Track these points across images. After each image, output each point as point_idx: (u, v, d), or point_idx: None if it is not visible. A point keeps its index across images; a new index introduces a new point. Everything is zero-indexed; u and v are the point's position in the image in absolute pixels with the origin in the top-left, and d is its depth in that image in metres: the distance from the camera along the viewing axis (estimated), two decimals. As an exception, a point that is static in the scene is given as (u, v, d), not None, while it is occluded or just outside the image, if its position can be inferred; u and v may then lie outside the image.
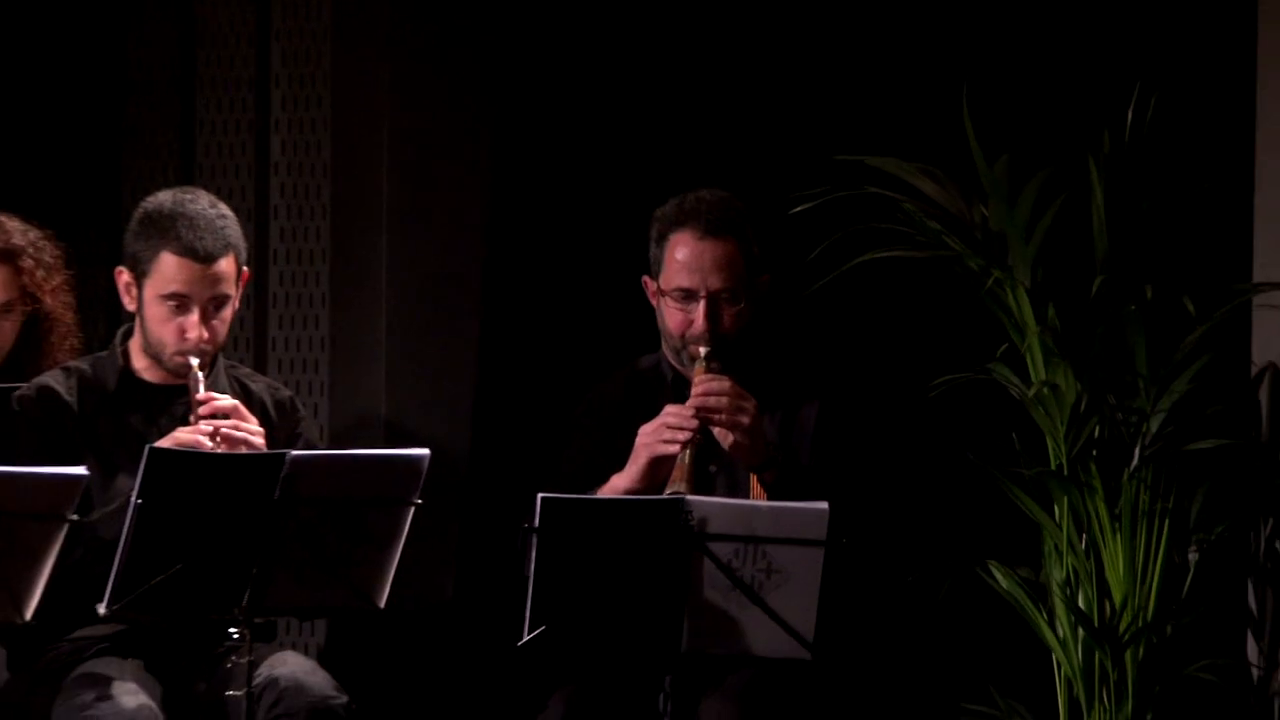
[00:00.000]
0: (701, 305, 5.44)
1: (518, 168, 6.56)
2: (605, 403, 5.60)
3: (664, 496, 5.34)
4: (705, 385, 5.41)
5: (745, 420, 5.43)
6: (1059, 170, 5.32)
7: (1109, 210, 5.29)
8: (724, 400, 5.42)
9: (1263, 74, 5.57)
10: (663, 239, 5.52)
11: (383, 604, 5.06)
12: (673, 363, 5.49)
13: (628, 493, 5.49)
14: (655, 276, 5.52)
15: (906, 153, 5.42)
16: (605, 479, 5.48)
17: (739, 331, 5.48)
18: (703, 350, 5.43)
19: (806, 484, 5.35)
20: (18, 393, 5.45)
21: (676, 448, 5.35)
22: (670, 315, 5.47)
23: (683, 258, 5.47)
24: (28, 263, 5.79)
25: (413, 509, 5.00)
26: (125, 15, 7.09)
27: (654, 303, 5.53)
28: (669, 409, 5.42)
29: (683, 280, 5.46)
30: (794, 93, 6.42)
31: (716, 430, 5.41)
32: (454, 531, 6.30)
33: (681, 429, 5.40)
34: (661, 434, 5.41)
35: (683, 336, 5.44)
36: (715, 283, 5.45)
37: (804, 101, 6.39)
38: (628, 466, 5.45)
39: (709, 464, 5.53)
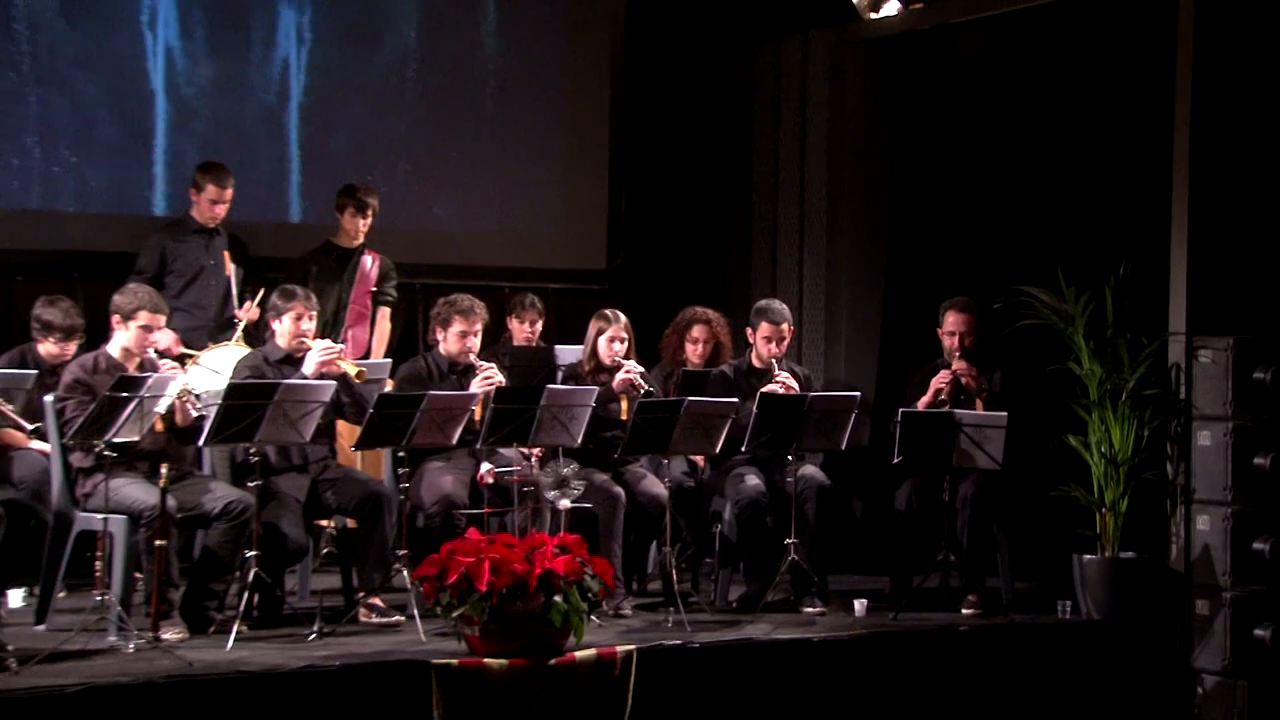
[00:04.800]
0: (956, 338, 9.37)
1: (898, 264, 10.18)
2: (922, 372, 9.43)
3: (943, 411, 9.00)
4: (957, 365, 9.31)
5: (973, 375, 9.22)
6: (1094, 291, 8.85)
7: (1113, 305, 8.89)
8: (964, 369, 9.21)
9: (1174, 253, 8.85)
10: (941, 314, 9.46)
11: (843, 446, 8.97)
12: (947, 359, 9.38)
13: (926, 407, 9.14)
14: (940, 326, 9.46)
15: (1038, 281, 8.95)
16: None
17: (973, 347, 9.33)
18: (957, 354, 9.32)
19: (999, 405, 9.13)
20: (713, 371, 9.57)
21: (946, 387, 9.25)
22: (944, 341, 9.43)
23: (949, 321, 9.43)
24: (716, 325, 9.97)
25: (854, 413, 8.98)
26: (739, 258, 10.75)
27: (940, 336, 9.47)
28: (942, 373, 9.30)
29: (948, 328, 9.42)
30: (995, 259, 10.14)
31: (963, 380, 9.26)
32: (865, 419, 9.89)
33: (945, 381, 9.25)
34: (939, 381, 9.26)
35: (949, 350, 9.37)
36: (962, 329, 9.35)
37: (999, 262, 10.05)
38: (926, 395, 9.31)
39: (960, 395, 9.29)
